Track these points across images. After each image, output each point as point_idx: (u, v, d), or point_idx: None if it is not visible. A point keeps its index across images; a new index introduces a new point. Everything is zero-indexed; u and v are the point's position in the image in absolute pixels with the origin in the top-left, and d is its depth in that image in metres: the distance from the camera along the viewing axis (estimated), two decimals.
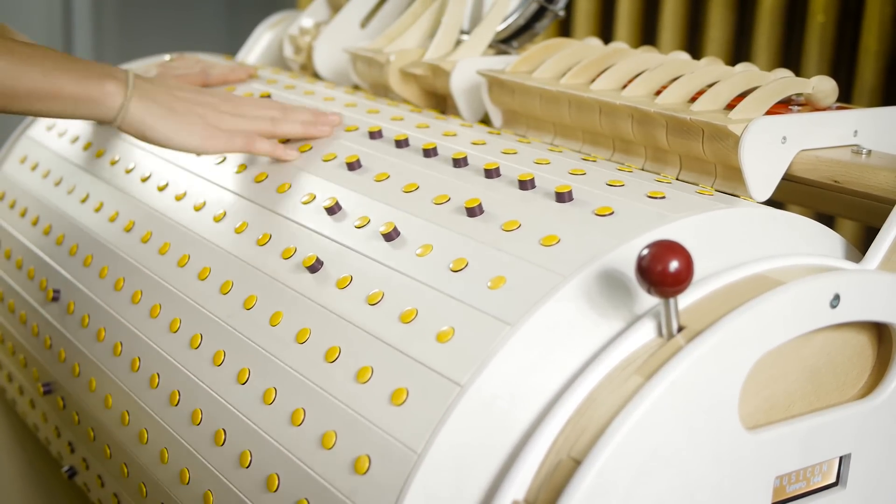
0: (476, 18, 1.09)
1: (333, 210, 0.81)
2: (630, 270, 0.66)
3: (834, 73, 1.42)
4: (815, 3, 1.41)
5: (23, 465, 1.27)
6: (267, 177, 0.90)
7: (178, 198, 0.95)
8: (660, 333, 0.64)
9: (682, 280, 0.60)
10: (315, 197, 0.84)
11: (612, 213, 0.71)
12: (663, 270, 0.60)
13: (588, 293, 0.65)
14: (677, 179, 0.82)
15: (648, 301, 0.66)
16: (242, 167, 0.93)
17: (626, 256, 0.66)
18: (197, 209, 0.92)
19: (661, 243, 0.61)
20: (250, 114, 0.91)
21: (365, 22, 1.22)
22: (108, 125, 0.90)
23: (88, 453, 0.96)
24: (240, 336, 0.78)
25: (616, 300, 0.66)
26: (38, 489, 1.25)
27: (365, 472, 0.64)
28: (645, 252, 0.61)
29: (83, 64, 0.86)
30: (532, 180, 0.77)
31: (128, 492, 0.89)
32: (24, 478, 1.27)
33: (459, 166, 0.83)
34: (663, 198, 0.73)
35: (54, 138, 1.17)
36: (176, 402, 0.81)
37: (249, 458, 0.73)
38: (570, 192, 0.74)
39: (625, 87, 0.90)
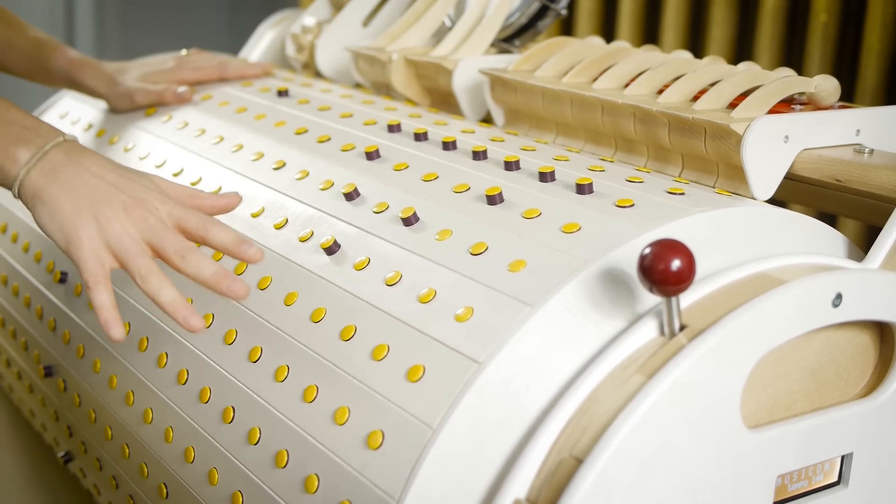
0: (478, 17, 1.09)
1: (352, 196, 0.82)
2: None
3: (836, 72, 1.42)
4: (818, 2, 1.41)
5: (18, 453, 1.27)
6: (285, 164, 0.90)
7: (193, 183, 0.95)
8: (661, 332, 0.64)
9: (684, 279, 0.60)
10: (333, 184, 0.85)
11: (632, 205, 0.71)
12: (665, 269, 0.60)
13: (609, 278, 0.66)
14: (679, 178, 0.82)
15: (651, 298, 0.66)
16: (260, 154, 0.94)
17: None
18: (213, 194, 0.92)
19: (663, 242, 0.61)
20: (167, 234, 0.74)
21: (367, 20, 1.22)
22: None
23: (88, 436, 0.96)
24: (253, 315, 0.78)
25: (630, 289, 0.66)
26: (33, 477, 1.25)
27: (378, 447, 0.64)
28: (647, 251, 0.61)
29: (10, 117, 0.78)
30: (552, 172, 0.77)
31: (128, 473, 0.89)
32: (20, 467, 1.27)
33: (479, 159, 0.83)
34: (683, 194, 0.74)
35: (67, 126, 1.17)
36: (184, 381, 0.81)
37: (258, 436, 0.73)
38: (590, 185, 0.75)
39: (627, 85, 0.90)
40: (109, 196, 0.74)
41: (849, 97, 1.40)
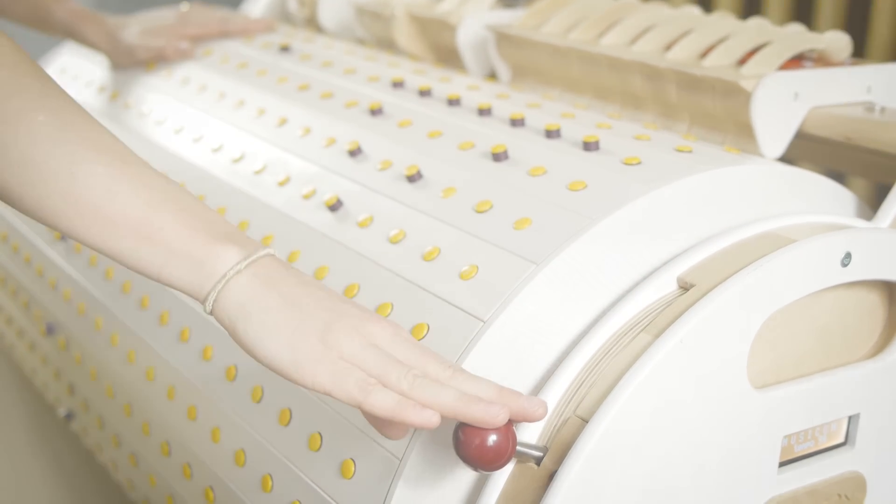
0: None
1: (355, 153, 0.81)
2: (655, 219, 0.66)
3: (847, 28, 1.40)
4: None
5: (19, 412, 1.27)
6: (287, 121, 0.89)
7: (196, 140, 0.94)
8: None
9: (502, 455, 0.55)
10: (336, 140, 0.84)
11: (639, 163, 0.70)
12: (481, 444, 0.55)
13: (616, 237, 0.65)
14: (687, 136, 0.82)
15: (658, 256, 0.66)
16: (262, 111, 0.93)
17: (652, 205, 0.66)
18: (215, 151, 0.91)
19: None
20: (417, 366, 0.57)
21: None
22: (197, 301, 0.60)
23: (90, 394, 0.96)
24: None
25: (636, 248, 0.65)
26: (34, 436, 1.25)
27: None
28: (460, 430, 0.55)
29: (212, 217, 0.60)
30: (558, 130, 0.77)
31: (129, 431, 0.89)
32: (21, 426, 1.27)
33: (484, 116, 0.82)
34: (691, 152, 0.73)
35: (69, 82, 1.17)
36: (186, 339, 0.80)
37: (262, 394, 0.72)
38: (597, 142, 0.74)
39: (634, 41, 0.88)
40: (342, 311, 0.58)
41: (860, 54, 1.38)
